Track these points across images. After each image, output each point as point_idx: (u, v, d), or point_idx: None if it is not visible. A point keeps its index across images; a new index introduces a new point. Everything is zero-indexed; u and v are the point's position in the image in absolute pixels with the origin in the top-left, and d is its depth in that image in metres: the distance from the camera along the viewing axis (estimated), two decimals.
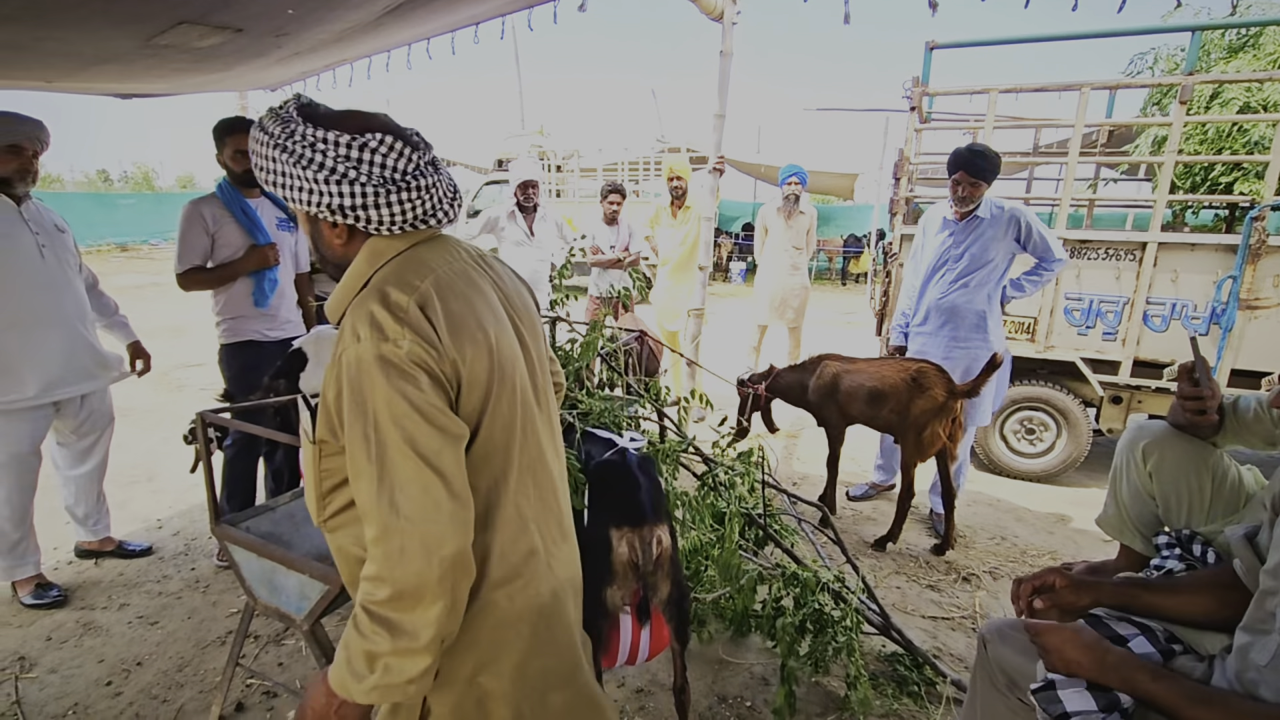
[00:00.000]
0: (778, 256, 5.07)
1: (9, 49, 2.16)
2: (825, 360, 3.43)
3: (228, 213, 2.71)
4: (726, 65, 3.76)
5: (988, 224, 3.14)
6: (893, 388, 3.11)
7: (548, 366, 1.22)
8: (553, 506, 1.16)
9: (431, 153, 1.05)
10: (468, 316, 1.01)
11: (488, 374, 1.01)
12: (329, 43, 2.84)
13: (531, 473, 1.11)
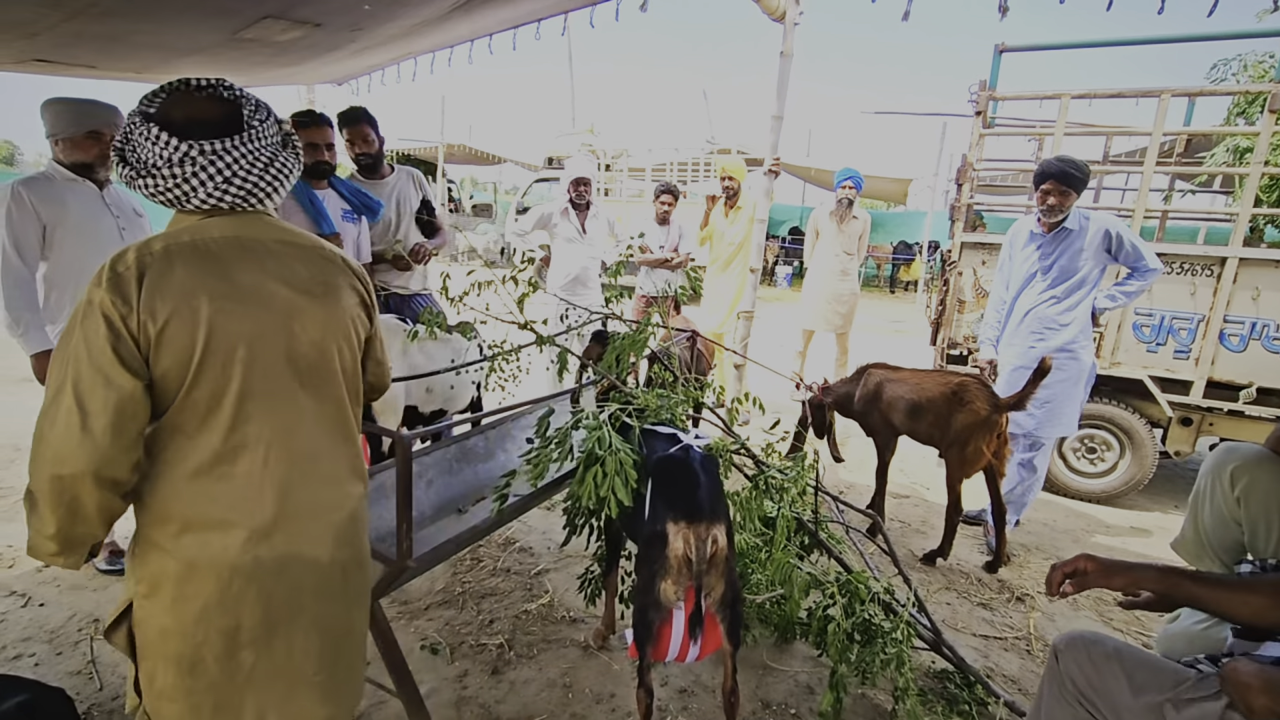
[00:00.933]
0: (828, 261, 5.00)
1: (106, 40, 2.27)
2: (871, 369, 3.40)
3: (296, 203, 2.81)
4: (786, 66, 3.72)
5: (1076, 235, 3.05)
6: (931, 400, 3.05)
7: (334, 355, 1.27)
8: (304, 483, 1.22)
9: (218, 143, 1.13)
10: (185, 286, 1.10)
11: (189, 340, 1.10)
12: (398, 37, 2.92)
13: (269, 444, 1.18)
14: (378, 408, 2.70)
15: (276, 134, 1.25)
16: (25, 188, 2.32)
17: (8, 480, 3.43)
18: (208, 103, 1.19)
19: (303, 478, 1.23)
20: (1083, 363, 3.14)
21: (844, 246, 4.96)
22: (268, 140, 1.21)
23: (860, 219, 4.97)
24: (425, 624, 2.47)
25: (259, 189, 1.19)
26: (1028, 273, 3.21)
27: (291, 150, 1.29)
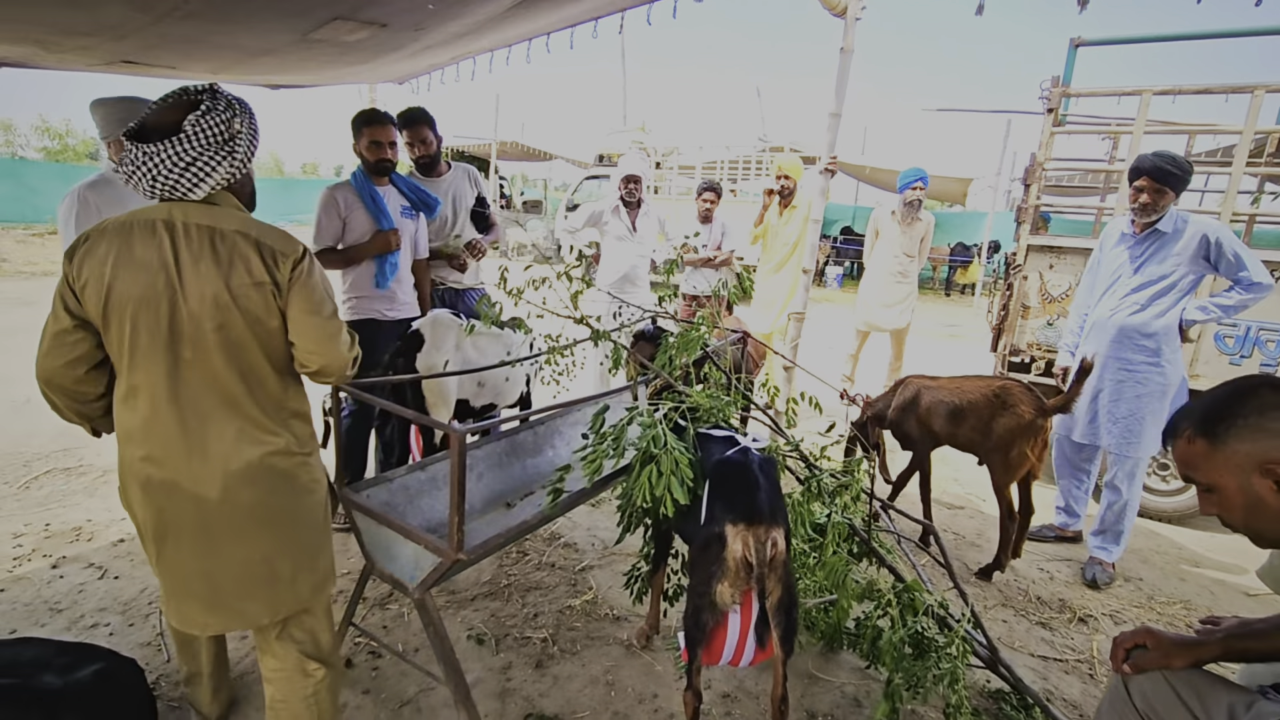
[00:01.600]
0: (887, 262, 4.86)
1: (187, 43, 2.38)
2: (908, 379, 3.35)
3: (359, 199, 2.89)
4: (846, 62, 3.62)
5: (1169, 239, 2.83)
6: (972, 405, 2.97)
7: (212, 328, 1.44)
8: (192, 432, 1.46)
9: (140, 147, 1.39)
10: (102, 255, 1.41)
11: (97, 297, 1.41)
12: (459, 36, 2.97)
13: (154, 394, 1.45)
14: (430, 400, 2.76)
15: (218, 134, 1.43)
16: (90, 191, 2.35)
17: (88, 458, 3.64)
18: (166, 111, 1.43)
19: (192, 426, 1.46)
20: (1168, 377, 2.91)
21: (905, 248, 4.81)
22: (201, 142, 1.41)
23: (924, 220, 4.81)
24: (471, 614, 2.51)
25: (181, 183, 1.42)
26: (1112, 275, 3.01)
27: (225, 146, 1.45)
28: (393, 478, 2.12)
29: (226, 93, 1.49)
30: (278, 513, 1.55)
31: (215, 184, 1.46)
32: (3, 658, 1.69)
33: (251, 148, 1.52)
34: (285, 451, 1.55)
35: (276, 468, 1.53)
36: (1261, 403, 1.13)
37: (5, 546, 2.76)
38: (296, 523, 1.59)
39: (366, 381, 2.07)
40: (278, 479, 1.54)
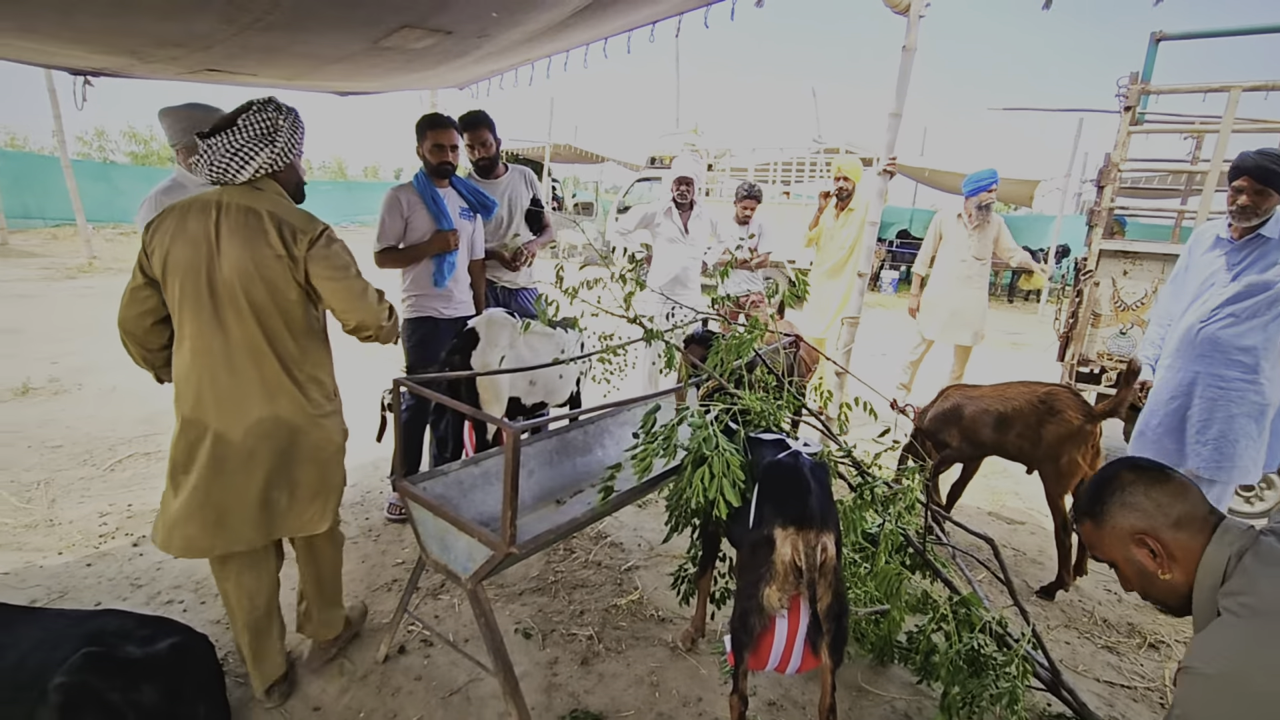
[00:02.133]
0: (954, 267, 4.66)
1: (267, 51, 2.51)
2: (947, 390, 3.30)
3: (420, 200, 2.98)
4: (909, 61, 3.55)
5: (1274, 246, 2.60)
6: (1018, 411, 2.89)
7: (242, 293, 1.73)
8: (221, 380, 1.76)
9: (204, 141, 1.73)
10: (168, 229, 1.73)
11: (160, 262, 1.73)
12: (520, 43, 3.03)
13: (194, 346, 1.75)
14: (484, 397, 2.82)
15: (263, 128, 1.74)
16: (165, 197, 2.47)
17: (165, 444, 3.85)
18: (230, 115, 1.77)
19: (218, 374, 1.75)
20: (1267, 396, 2.64)
21: (975, 252, 4.60)
22: (248, 134, 1.73)
23: (994, 222, 4.62)
24: (519, 608, 2.56)
25: (230, 167, 1.73)
26: (1204, 283, 2.77)
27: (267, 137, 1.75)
28: (448, 471, 2.18)
29: (278, 100, 1.81)
30: (284, 458, 1.85)
31: (256, 169, 1.76)
32: (91, 627, 1.81)
33: (292, 142, 1.81)
34: (299, 408, 1.84)
35: (290, 421, 1.83)
36: (1123, 482, 1.30)
37: (93, 524, 2.96)
38: (301, 467, 1.89)
39: (423, 377, 2.14)
40: (289, 430, 1.83)
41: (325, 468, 1.95)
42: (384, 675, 2.16)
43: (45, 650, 1.72)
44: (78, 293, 8.43)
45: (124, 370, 5.15)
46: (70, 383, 4.82)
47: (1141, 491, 1.27)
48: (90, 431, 3.96)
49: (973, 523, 3.43)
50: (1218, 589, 1.17)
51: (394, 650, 2.25)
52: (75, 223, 11.46)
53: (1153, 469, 1.30)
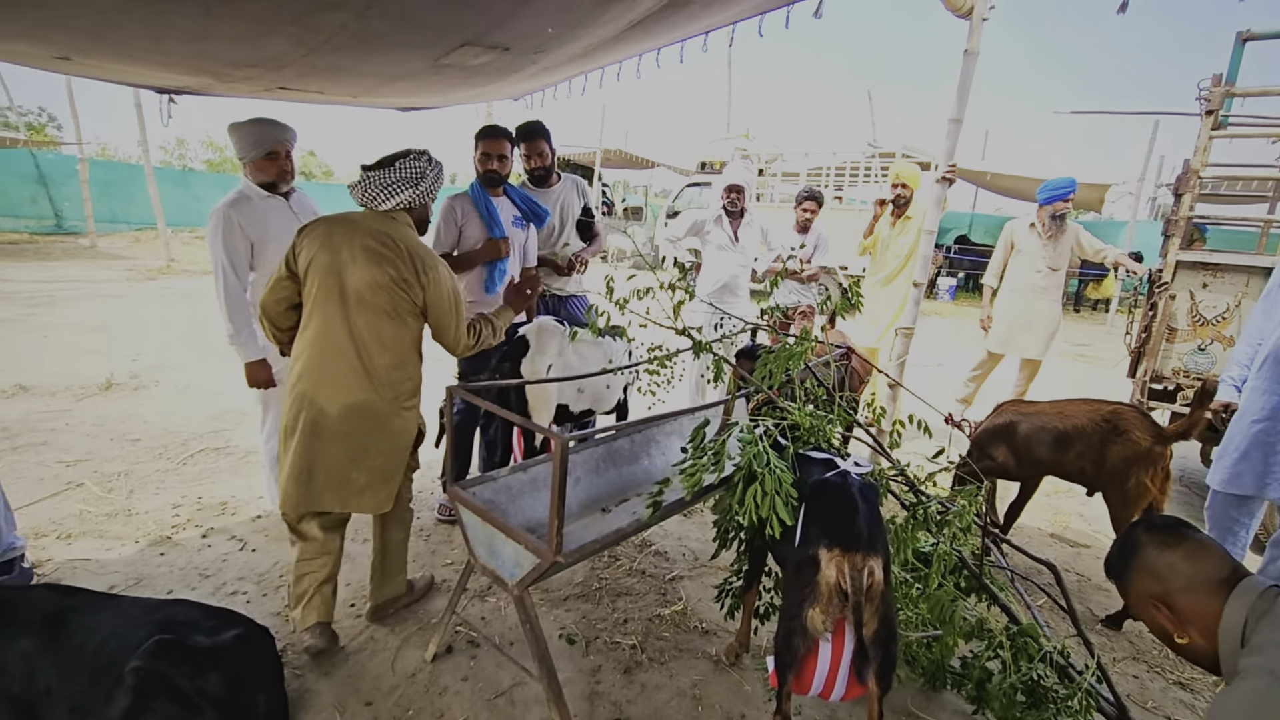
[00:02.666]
0: (1027, 279, 4.47)
1: (334, 71, 2.62)
2: (1002, 405, 3.19)
3: (475, 208, 3.05)
4: (970, 65, 3.44)
5: None
6: (1079, 430, 2.77)
7: (367, 298, 2.08)
8: (330, 363, 2.08)
9: (366, 172, 2.13)
10: (316, 235, 2.08)
11: (306, 261, 2.07)
12: (575, 57, 3.07)
13: (316, 332, 2.09)
14: (533, 403, 2.86)
15: (413, 173, 2.13)
16: (233, 210, 2.64)
17: (235, 439, 4.07)
18: (392, 157, 2.15)
19: (330, 360, 2.08)
20: None
21: (1049, 262, 4.41)
22: (401, 175, 2.12)
23: (1069, 230, 4.42)
24: (564, 614, 2.58)
25: (378, 196, 2.12)
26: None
27: (413, 181, 2.15)
28: (497, 477, 2.22)
29: (430, 154, 2.19)
30: (366, 440, 2.14)
31: (398, 203, 2.14)
32: (163, 615, 1.92)
33: (433, 189, 2.21)
34: (383, 399, 2.14)
35: (374, 409, 2.13)
36: (1138, 544, 1.32)
37: (166, 515, 3.14)
38: (378, 452, 2.17)
39: (475, 385, 2.19)
40: (372, 419, 2.14)
41: (400, 455, 2.24)
42: (432, 674, 2.21)
43: (123, 635, 1.83)
44: (157, 293, 8.95)
45: (196, 369, 5.46)
46: (149, 379, 5.12)
47: (1154, 554, 1.29)
48: (165, 426, 4.19)
49: (1033, 545, 3.30)
50: (1238, 652, 1.14)
51: (442, 650, 2.30)
52: (156, 227, 12.19)
53: (1167, 530, 1.31)
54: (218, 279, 2.66)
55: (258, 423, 3.09)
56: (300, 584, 2.27)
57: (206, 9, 1.80)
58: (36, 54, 2.34)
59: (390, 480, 2.23)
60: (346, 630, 2.41)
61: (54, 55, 2.33)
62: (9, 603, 1.89)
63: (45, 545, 2.80)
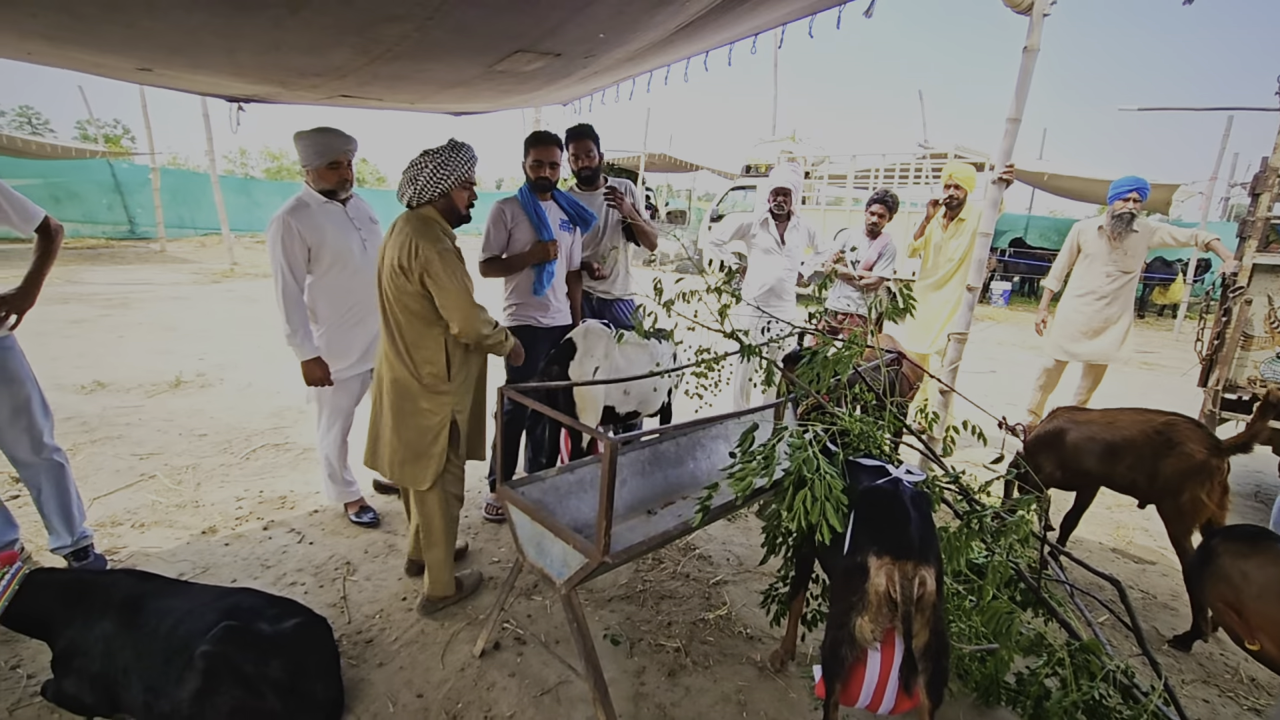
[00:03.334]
0: (1094, 281, 4.30)
1: (393, 78, 2.70)
2: (1056, 410, 3.09)
3: (524, 212, 3.10)
4: (1030, 63, 3.33)
5: None
6: (1129, 441, 2.68)
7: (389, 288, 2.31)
8: (384, 341, 2.41)
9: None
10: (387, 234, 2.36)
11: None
12: (623, 61, 3.10)
13: (381, 315, 2.40)
14: (580, 405, 2.89)
15: (411, 172, 2.29)
16: (291, 217, 2.74)
17: (293, 436, 4.23)
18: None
19: (383, 342, 2.39)
20: None
21: (1120, 265, 4.22)
22: (406, 175, 2.29)
23: (1144, 230, 4.23)
24: (608, 614, 2.60)
25: (400, 197, 2.34)
26: None
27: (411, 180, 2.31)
28: (545, 477, 2.25)
29: (432, 150, 2.30)
30: (401, 414, 2.38)
31: (406, 198, 2.33)
32: (229, 603, 2.01)
33: (436, 179, 2.28)
34: (413, 378, 2.35)
35: (407, 387, 2.36)
36: (1213, 552, 1.36)
37: (230, 507, 3.28)
38: (409, 426, 2.38)
39: (525, 386, 2.22)
40: (405, 394, 2.37)
41: (425, 435, 2.39)
42: (480, 669, 2.25)
43: (193, 620, 1.93)
44: (222, 295, 9.38)
45: (257, 368, 5.69)
46: (214, 377, 5.37)
47: (1228, 562, 1.32)
48: (230, 422, 4.39)
49: (1094, 560, 3.17)
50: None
51: (490, 645, 2.34)
52: (220, 232, 12.78)
53: (1245, 538, 1.34)
54: (276, 282, 2.76)
55: (314, 420, 3.21)
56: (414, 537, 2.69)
57: (278, 21, 1.88)
58: (122, 66, 2.49)
59: (420, 459, 2.39)
60: (398, 624, 2.47)
61: (137, 67, 2.47)
62: (91, 587, 2.01)
63: (121, 533, 2.97)
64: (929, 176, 10.45)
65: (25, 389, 2.46)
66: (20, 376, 2.45)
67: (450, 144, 2.29)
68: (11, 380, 2.42)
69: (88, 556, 2.66)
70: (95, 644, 1.92)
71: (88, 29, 2.00)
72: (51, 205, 13.30)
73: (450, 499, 2.52)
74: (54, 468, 2.58)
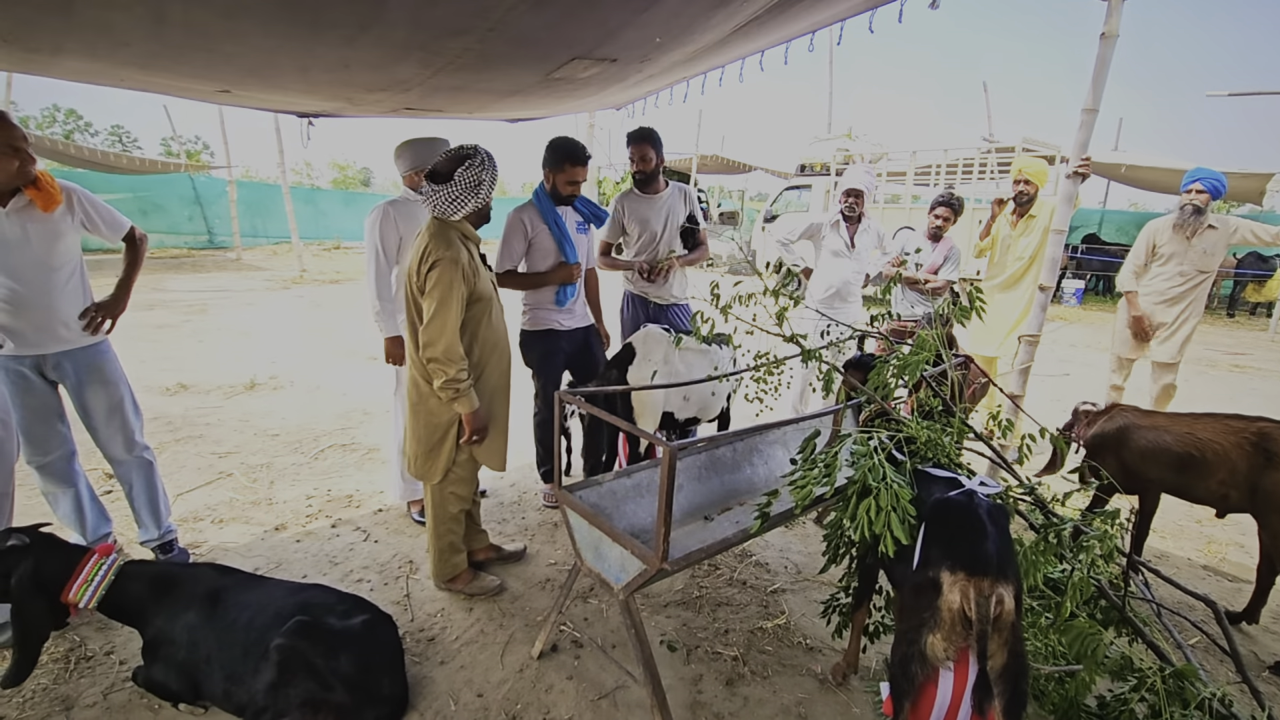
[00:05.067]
0: (1168, 283, 4.04)
1: (453, 90, 2.78)
2: (1117, 407, 2.86)
3: (543, 222, 3.07)
4: (1108, 50, 3.15)
5: None
6: (1220, 455, 2.46)
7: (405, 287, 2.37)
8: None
9: (430, 185, 2.29)
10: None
11: None
12: (679, 64, 3.09)
13: None
14: (638, 410, 2.89)
15: (471, 182, 2.24)
16: (392, 206, 2.91)
17: (359, 437, 4.38)
18: (447, 163, 2.27)
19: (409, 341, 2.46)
20: None
21: (1197, 265, 3.95)
22: (461, 187, 2.23)
23: (1220, 229, 3.95)
24: (664, 620, 2.59)
25: (447, 212, 2.27)
26: None
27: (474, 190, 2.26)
28: (602, 481, 2.26)
29: (484, 152, 2.28)
30: (416, 411, 2.46)
31: (465, 214, 2.31)
32: (302, 598, 2.09)
33: (491, 190, 2.30)
34: (423, 377, 2.38)
35: (418, 385, 2.42)
36: None
37: (300, 505, 3.42)
38: (421, 424, 2.45)
39: (583, 390, 2.24)
40: (418, 391, 2.43)
41: (434, 431, 2.46)
42: (539, 671, 2.27)
43: (269, 613, 2.01)
44: (291, 300, 9.83)
45: (325, 372, 5.93)
46: (285, 380, 5.62)
47: None
48: (300, 423, 4.58)
49: (1182, 577, 2.97)
50: None
51: (547, 647, 2.37)
52: (290, 240, 13.40)
53: None
54: (369, 262, 2.93)
55: (378, 422, 3.32)
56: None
57: (349, 40, 1.96)
58: (203, 89, 2.63)
59: (432, 455, 2.48)
60: (458, 623, 2.52)
61: (216, 89, 2.61)
62: (177, 579, 2.12)
63: (201, 529, 3.13)
64: (994, 172, 10.04)
65: (119, 390, 2.63)
66: (114, 379, 2.61)
67: (485, 155, 2.28)
68: (106, 382, 2.59)
69: (172, 550, 2.82)
70: (181, 633, 2.03)
71: (175, 56, 2.12)
72: (139, 218, 14.22)
73: (450, 497, 2.57)
74: (144, 465, 2.75)
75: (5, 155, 2.22)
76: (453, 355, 2.27)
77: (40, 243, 2.39)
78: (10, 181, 2.28)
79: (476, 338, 2.45)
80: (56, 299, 2.44)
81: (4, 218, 2.32)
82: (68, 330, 2.48)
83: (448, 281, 2.23)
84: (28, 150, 2.29)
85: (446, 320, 2.25)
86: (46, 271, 2.41)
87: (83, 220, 2.52)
